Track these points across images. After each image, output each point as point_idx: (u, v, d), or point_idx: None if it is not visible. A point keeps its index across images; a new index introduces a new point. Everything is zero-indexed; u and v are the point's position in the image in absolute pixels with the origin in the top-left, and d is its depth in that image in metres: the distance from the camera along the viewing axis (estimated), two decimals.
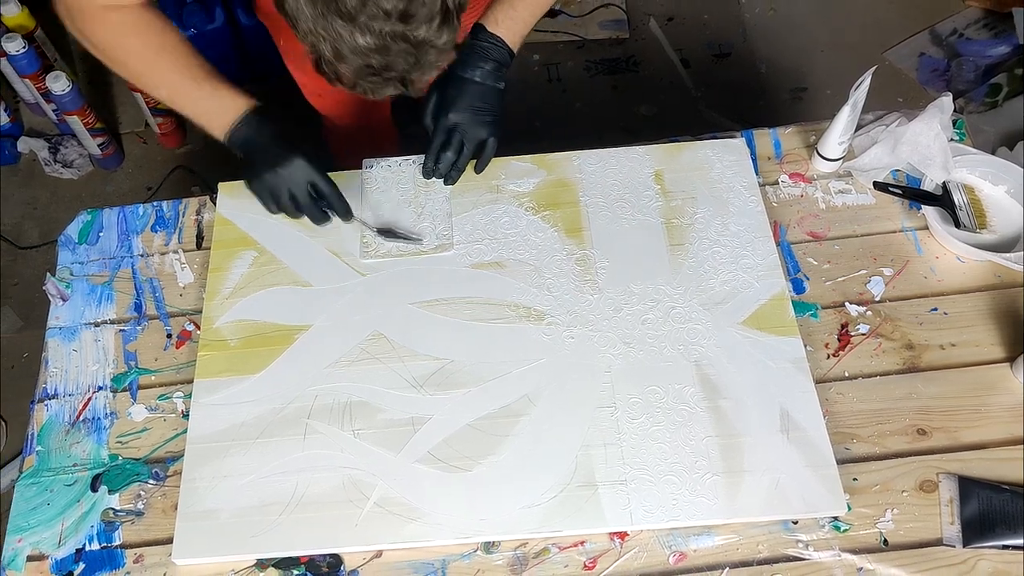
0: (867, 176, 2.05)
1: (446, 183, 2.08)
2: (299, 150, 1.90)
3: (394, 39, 1.48)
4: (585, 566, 1.65)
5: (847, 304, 1.90)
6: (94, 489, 1.79)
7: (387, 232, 2.02)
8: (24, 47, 3.45)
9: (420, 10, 1.46)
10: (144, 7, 1.83)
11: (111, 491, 1.79)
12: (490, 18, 1.95)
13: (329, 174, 1.97)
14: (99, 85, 3.94)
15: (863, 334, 1.86)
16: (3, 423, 3.17)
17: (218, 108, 1.90)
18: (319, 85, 1.70)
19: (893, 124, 2.06)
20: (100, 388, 1.92)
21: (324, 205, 1.97)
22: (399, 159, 2.14)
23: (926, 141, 2.00)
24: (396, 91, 1.63)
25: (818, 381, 1.79)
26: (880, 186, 2.03)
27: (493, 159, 2.08)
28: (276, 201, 1.95)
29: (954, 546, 1.62)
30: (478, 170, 2.08)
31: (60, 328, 2.01)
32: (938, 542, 1.63)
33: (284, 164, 1.90)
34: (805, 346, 1.82)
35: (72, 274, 2.08)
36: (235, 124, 1.89)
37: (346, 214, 1.97)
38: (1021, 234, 1.97)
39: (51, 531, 1.76)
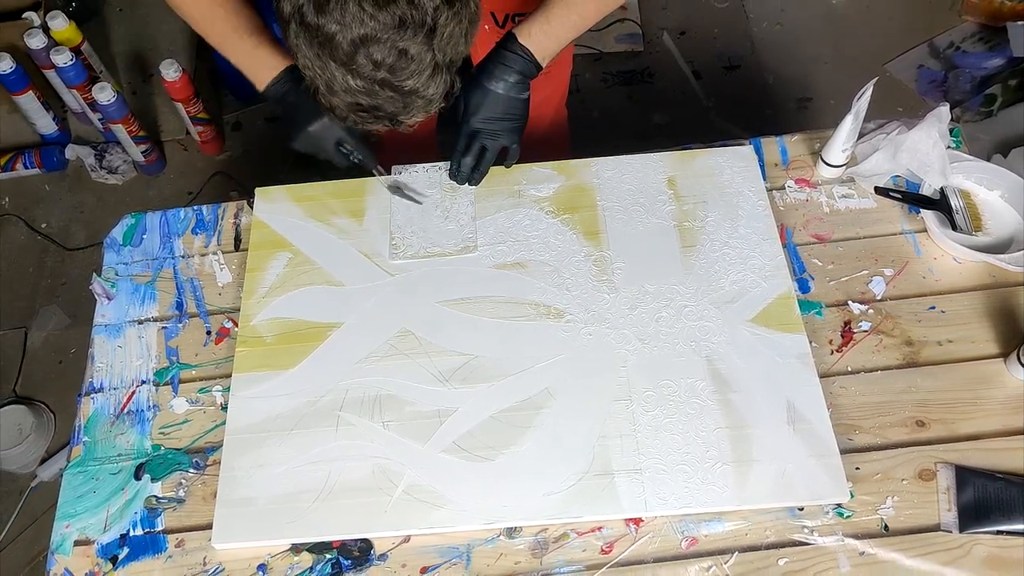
0: (869, 181, 2.05)
1: (469, 184, 2.09)
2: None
3: (382, 86, 1.52)
4: (602, 550, 1.65)
5: (850, 303, 1.90)
6: (138, 478, 1.80)
7: (395, 189, 2.09)
8: (72, 59, 3.47)
9: (409, 65, 1.50)
10: None
11: (154, 479, 1.80)
12: (523, 29, 1.91)
13: (361, 179, 2.01)
14: (142, 95, 3.95)
15: (865, 331, 1.86)
16: (52, 415, 3.18)
17: (259, 63, 1.93)
18: None
19: (893, 132, 2.05)
20: (143, 382, 1.93)
21: (353, 156, 2.02)
22: (427, 165, 2.14)
23: (925, 148, 1.99)
24: (385, 128, 1.67)
25: (822, 375, 1.79)
26: (881, 191, 2.03)
27: (515, 165, 2.09)
28: (318, 153, 2.01)
29: (951, 531, 1.62)
30: (506, 166, 2.09)
31: (106, 325, 2.02)
32: (936, 528, 1.63)
33: (319, 120, 1.94)
34: (810, 342, 1.82)
35: (117, 274, 2.09)
36: (272, 81, 1.92)
37: (371, 161, 2.04)
38: (1014, 236, 1.96)
39: (97, 517, 1.77)
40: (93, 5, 4.08)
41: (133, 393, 1.91)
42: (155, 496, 1.78)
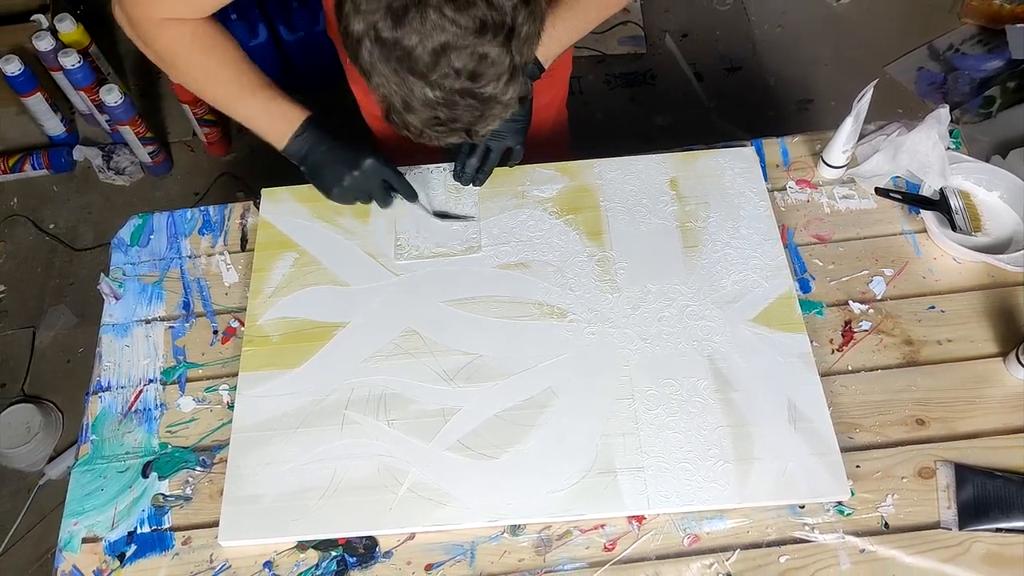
0: (869, 182, 2.05)
1: (473, 185, 2.10)
2: (368, 152, 1.92)
3: (462, 95, 1.47)
4: (605, 547, 1.65)
5: (850, 302, 1.90)
6: (145, 475, 1.80)
7: (442, 215, 2.07)
8: (79, 61, 3.48)
9: (489, 70, 1.45)
10: (203, 21, 1.79)
11: (161, 477, 1.80)
12: None
13: None
14: (150, 97, 3.97)
15: (865, 330, 1.86)
16: (60, 414, 3.19)
17: (275, 120, 1.89)
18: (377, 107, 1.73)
19: (893, 134, 2.05)
20: (151, 381, 1.93)
21: (393, 192, 2.01)
22: (432, 166, 2.15)
23: (924, 149, 1.99)
24: (460, 140, 1.61)
25: (823, 374, 1.79)
26: (881, 192, 2.03)
27: (519, 166, 2.11)
28: (356, 200, 2.00)
29: (951, 529, 1.62)
30: (510, 167, 2.10)
31: (113, 325, 2.02)
32: (936, 525, 1.63)
33: (359, 168, 1.92)
34: (811, 342, 1.82)
35: (124, 274, 2.09)
36: (293, 136, 1.89)
37: (413, 197, 2.02)
38: (1013, 236, 1.97)
39: (105, 515, 1.77)
40: (101, 7, 4.09)
41: (140, 392, 1.92)
42: (162, 494, 1.78)
